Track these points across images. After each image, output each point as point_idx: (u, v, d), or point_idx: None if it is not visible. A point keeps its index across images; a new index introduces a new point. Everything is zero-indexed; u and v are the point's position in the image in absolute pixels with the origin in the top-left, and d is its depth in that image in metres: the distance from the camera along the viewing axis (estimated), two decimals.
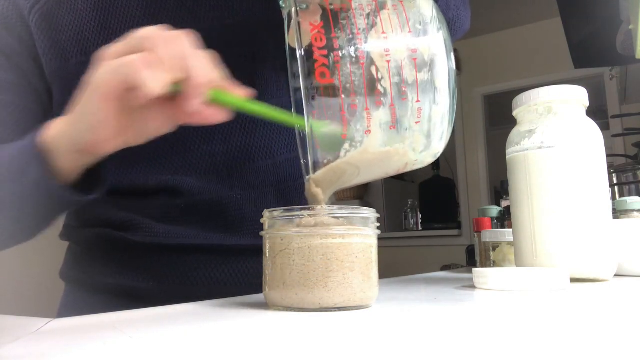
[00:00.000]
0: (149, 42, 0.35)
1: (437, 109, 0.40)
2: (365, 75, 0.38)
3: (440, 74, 0.40)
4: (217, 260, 0.61)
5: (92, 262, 0.63)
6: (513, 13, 3.21)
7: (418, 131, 0.40)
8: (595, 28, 1.22)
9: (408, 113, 0.39)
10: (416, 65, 0.39)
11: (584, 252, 0.55)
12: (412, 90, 0.39)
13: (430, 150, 0.43)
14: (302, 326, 0.32)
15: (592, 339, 0.27)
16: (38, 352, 0.26)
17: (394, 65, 0.39)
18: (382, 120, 0.39)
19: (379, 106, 0.39)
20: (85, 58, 0.58)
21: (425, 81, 0.40)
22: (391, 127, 0.39)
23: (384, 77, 0.38)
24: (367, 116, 0.39)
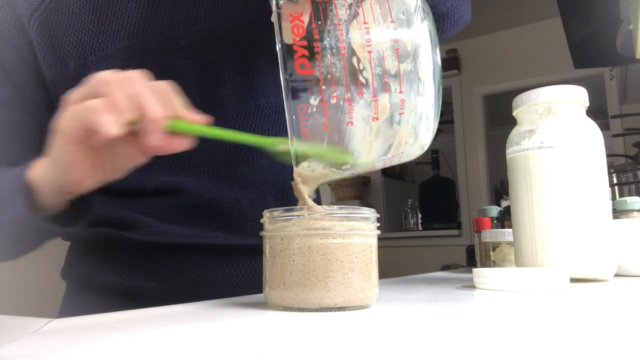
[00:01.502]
0: (104, 87, 0.37)
1: (421, 100, 0.40)
2: (346, 66, 0.38)
3: (424, 64, 0.40)
4: (219, 260, 0.62)
5: (93, 262, 0.63)
6: (513, 13, 3.21)
7: (403, 123, 0.40)
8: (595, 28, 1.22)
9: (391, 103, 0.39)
10: (398, 55, 0.39)
11: (584, 252, 0.55)
12: (394, 82, 0.39)
13: (418, 142, 0.42)
14: (302, 326, 0.32)
15: (592, 339, 0.27)
16: (38, 352, 0.26)
17: (376, 55, 0.38)
18: (364, 112, 0.39)
19: (360, 97, 0.38)
20: (84, 61, 0.58)
21: (408, 72, 0.39)
22: (373, 118, 0.39)
23: (365, 68, 0.38)
24: (349, 107, 0.38)
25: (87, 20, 0.59)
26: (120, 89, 0.37)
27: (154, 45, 0.59)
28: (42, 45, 0.59)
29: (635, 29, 0.81)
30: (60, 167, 0.41)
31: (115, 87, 0.37)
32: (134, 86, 0.37)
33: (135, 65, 0.57)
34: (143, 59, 0.59)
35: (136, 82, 0.38)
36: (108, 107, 0.36)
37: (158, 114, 0.37)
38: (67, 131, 0.38)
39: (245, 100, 0.63)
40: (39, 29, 0.59)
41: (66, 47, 0.59)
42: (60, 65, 0.59)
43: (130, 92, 0.37)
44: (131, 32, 0.59)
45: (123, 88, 0.37)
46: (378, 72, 0.38)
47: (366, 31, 0.39)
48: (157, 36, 0.59)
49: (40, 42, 0.59)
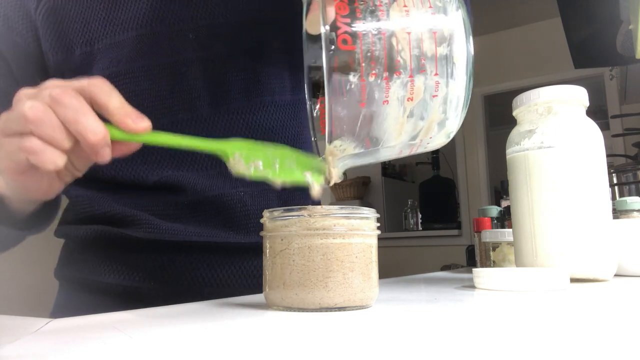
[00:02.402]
0: (34, 125, 0.35)
1: (454, 85, 0.40)
2: (386, 46, 0.38)
3: (459, 50, 0.41)
4: (221, 259, 0.61)
5: (89, 261, 0.62)
6: (513, 13, 3.21)
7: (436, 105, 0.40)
8: (595, 28, 1.22)
9: (426, 85, 0.39)
10: (436, 39, 0.40)
11: (584, 252, 0.55)
12: (431, 64, 0.39)
13: (445, 129, 0.43)
14: (302, 326, 0.32)
15: (592, 339, 0.27)
16: (38, 352, 0.26)
17: (415, 37, 0.39)
18: (399, 92, 0.39)
19: (397, 77, 0.39)
20: (90, 49, 0.59)
21: (444, 56, 0.40)
22: (408, 99, 0.39)
23: (404, 48, 0.39)
24: (386, 86, 0.39)
25: (96, 7, 0.59)
26: (50, 122, 0.35)
27: (163, 36, 0.60)
28: (49, 31, 0.59)
29: (635, 29, 0.81)
30: (15, 188, 0.42)
31: (46, 120, 0.35)
32: (65, 110, 0.35)
33: (142, 55, 0.59)
34: (150, 50, 0.59)
35: (67, 101, 0.36)
36: (43, 146, 0.35)
37: (96, 138, 0.35)
38: (8, 169, 0.38)
39: (250, 96, 0.63)
40: (46, 15, 0.59)
41: (73, 34, 0.59)
42: (66, 52, 0.59)
43: (63, 118, 0.35)
44: (140, 22, 0.59)
45: (51, 120, 0.35)
46: (416, 53, 0.39)
47: (406, 13, 0.39)
48: (166, 28, 0.60)
49: (46, 28, 0.59)
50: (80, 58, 0.58)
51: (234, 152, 0.42)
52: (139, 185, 0.61)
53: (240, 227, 0.62)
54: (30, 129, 0.35)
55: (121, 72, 0.58)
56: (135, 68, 0.59)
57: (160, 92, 0.59)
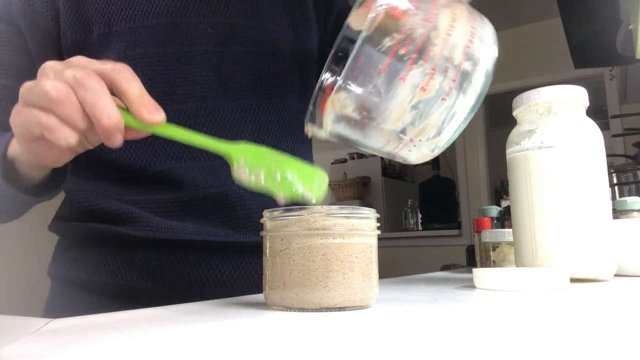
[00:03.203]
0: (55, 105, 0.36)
1: (462, 100, 0.42)
2: (425, 32, 0.40)
3: (479, 74, 0.43)
4: (219, 258, 0.61)
5: (85, 259, 0.61)
6: (513, 13, 3.21)
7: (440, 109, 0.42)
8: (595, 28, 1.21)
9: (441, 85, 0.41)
10: (466, 53, 0.42)
11: (584, 252, 0.55)
12: (453, 70, 0.41)
13: (435, 140, 0.44)
14: (302, 326, 0.32)
15: (592, 339, 0.27)
16: (38, 352, 0.26)
17: (451, 41, 0.41)
18: (418, 78, 0.40)
19: (423, 63, 0.40)
20: (108, 30, 0.60)
21: (466, 71, 0.42)
22: (422, 88, 0.41)
23: (438, 44, 0.40)
24: (410, 65, 0.40)
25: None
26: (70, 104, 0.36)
27: (181, 27, 0.61)
28: (69, 10, 0.60)
29: (635, 29, 0.81)
30: (27, 154, 0.43)
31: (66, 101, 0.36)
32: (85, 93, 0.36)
33: (158, 43, 0.60)
34: (167, 38, 0.61)
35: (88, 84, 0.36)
36: (59, 125, 0.36)
37: (110, 123, 0.36)
38: (23, 137, 0.39)
39: (260, 96, 0.65)
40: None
41: (92, 15, 0.60)
42: (85, 32, 0.60)
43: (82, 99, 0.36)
44: (160, 11, 0.61)
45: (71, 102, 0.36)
46: (446, 54, 0.41)
47: (452, 19, 0.42)
48: (185, 19, 0.61)
49: (67, 7, 0.60)
50: (98, 39, 0.60)
51: (239, 157, 0.42)
52: (139, 175, 0.60)
53: (240, 226, 0.62)
54: (50, 106, 0.36)
55: (136, 55, 0.59)
56: (151, 54, 0.60)
57: (173, 79, 0.60)
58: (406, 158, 0.46)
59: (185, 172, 0.60)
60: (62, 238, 0.66)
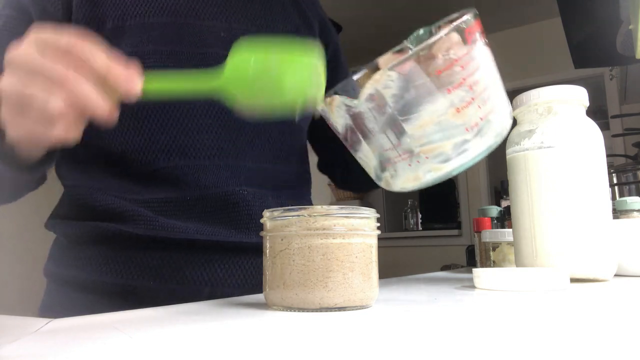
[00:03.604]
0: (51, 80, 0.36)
1: (479, 140, 0.44)
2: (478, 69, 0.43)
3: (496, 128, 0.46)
4: (220, 258, 0.61)
5: (83, 258, 0.60)
6: (513, 13, 3.21)
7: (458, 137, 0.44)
8: (595, 28, 1.21)
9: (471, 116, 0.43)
10: (495, 106, 0.45)
11: (584, 252, 0.55)
12: (485, 109, 0.44)
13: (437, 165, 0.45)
14: (302, 326, 0.32)
15: (592, 339, 0.27)
16: (38, 352, 0.26)
17: (491, 91, 0.45)
18: (459, 96, 0.43)
19: (468, 89, 0.43)
20: (122, 24, 0.60)
21: (489, 120, 0.45)
22: (457, 109, 0.43)
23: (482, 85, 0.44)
24: (459, 83, 0.43)
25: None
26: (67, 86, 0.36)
27: (195, 28, 0.62)
28: (84, 1, 0.60)
29: (635, 29, 0.81)
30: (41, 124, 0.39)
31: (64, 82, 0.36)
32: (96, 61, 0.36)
33: (171, 41, 0.61)
34: (180, 37, 0.61)
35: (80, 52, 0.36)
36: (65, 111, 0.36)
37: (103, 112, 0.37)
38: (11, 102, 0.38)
39: None
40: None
41: (107, 8, 0.60)
42: (98, 24, 0.60)
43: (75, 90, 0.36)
44: (174, 10, 0.62)
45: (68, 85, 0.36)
46: (484, 97, 0.44)
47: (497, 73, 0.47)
48: (199, 21, 0.62)
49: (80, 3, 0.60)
50: (111, 32, 0.60)
51: (230, 91, 0.41)
52: (142, 171, 0.60)
53: (242, 226, 0.62)
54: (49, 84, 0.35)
55: (149, 51, 0.60)
56: (163, 51, 0.60)
57: None
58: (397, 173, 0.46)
59: (189, 171, 0.60)
60: (59, 236, 0.65)
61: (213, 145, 0.62)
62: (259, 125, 0.65)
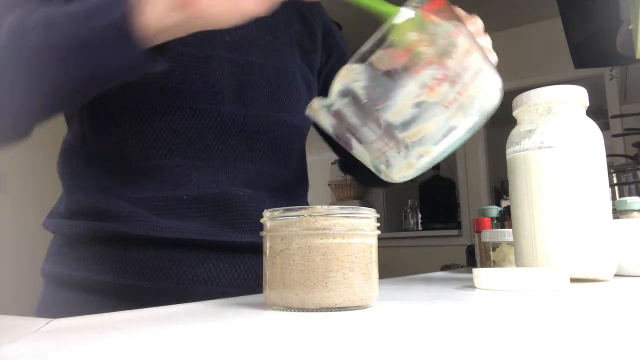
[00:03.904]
0: None
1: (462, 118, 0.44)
2: (448, 43, 0.43)
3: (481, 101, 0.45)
4: (217, 257, 0.61)
5: (81, 258, 0.60)
6: (513, 13, 3.21)
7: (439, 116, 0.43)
8: (595, 28, 1.21)
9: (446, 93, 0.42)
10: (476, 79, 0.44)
11: (584, 252, 0.55)
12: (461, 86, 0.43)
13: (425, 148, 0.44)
14: (302, 326, 0.32)
15: (592, 339, 0.27)
16: (38, 352, 0.26)
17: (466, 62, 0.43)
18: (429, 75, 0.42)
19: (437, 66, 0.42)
20: None
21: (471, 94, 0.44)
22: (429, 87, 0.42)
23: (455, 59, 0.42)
24: (426, 63, 0.42)
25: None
26: None
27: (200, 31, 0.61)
28: None
29: (635, 29, 0.82)
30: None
31: None
32: None
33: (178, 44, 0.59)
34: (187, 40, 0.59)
35: None
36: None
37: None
38: None
39: (270, 109, 0.67)
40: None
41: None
42: None
43: None
44: None
45: None
46: (458, 70, 0.42)
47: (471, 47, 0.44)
48: None
49: None
50: None
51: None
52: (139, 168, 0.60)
53: (237, 226, 0.62)
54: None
55: None
56: None
57: (187, 78, 0.62)
58: (390, 163, 0.46)
59: (187, 171, 0.61)
60: (57, 236, 0.65)
61: (212, 147, 0.62)
62: (258, 128, 0.65)
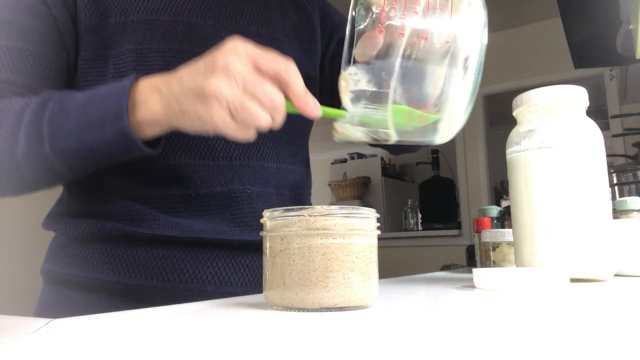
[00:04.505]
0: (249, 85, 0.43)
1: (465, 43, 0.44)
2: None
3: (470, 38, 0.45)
4: (224, 255, 0.61)
5: (85, 257, 0.60)
6: (513, 13, 3.21)
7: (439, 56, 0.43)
8: (595, 28, 1.21)
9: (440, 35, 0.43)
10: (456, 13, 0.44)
11: (584, 252, 0.55)
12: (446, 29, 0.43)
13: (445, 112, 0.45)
14: (302, 326, 0.32)
15: (592, 339, 0.27)
16: (38, 352, 0.26)
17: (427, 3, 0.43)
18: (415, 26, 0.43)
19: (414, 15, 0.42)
20: (124, 19, 0.60)
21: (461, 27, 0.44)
22: (422, 37, 0.43)
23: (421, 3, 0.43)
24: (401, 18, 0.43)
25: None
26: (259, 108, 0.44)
27: (197, 27, 0.63)
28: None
29: (635, 29, 0.82)
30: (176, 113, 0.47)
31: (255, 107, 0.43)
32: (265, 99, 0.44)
33: (175, 39, 0.61)
34: (183, 36, 0.62)
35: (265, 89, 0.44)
36: (261, 115, 0.44)
37: (277, 126, 0.45)
38: (203, 97, 0.45)
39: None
40: None
41: (109, 1, 0.60)
42: (100, 17, 0.60)
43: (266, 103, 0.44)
44: (177, 9, 0.62)
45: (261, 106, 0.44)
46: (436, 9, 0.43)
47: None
48: (202, 20, 0.63)
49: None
50: (113, 27, 0.60)
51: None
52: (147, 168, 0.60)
53: (245, 225, 0.62)
54: (243, 101, 0.43)
55: (153, 49, 0.60)
56: (167, 49, 0.61)
57: None
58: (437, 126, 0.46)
59: (194, 169, 0.61)
60: (58, 235, 0.64)
61: (219, 146, 0.62)
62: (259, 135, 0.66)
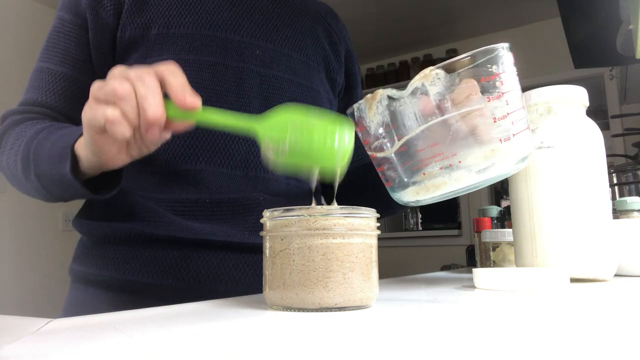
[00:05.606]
0: (118, 99, 0.43)
1: (503, 160, 0.47)
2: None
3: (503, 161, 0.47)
4: (235, 257, 0.63)
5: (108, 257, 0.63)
6: (513, 13, 3.21)
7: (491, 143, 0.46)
8: (595, 28, 1.21)
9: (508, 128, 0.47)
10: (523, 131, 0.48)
11: (584, 252, 0.55)
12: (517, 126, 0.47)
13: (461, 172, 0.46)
14: (302, 326, 0.32)
15: (592, 339, 0.27)
16: (38, 352, 0.26)
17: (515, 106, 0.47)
18: (499, 107, 0.46)
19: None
20: (166, 31, 0.65)
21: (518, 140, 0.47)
22: (498, 119, 0.46)
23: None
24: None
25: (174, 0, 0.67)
26: (130, 101, 0.42)
27: (234, 43, 0.67)
28: (133, 7, 0.65)
29: (635, 29, 0.82)
30: (91, 149, 0.48)
31: (128, 98, 0.42)
32: (142, 88, 0.42)
33: (211, 53, 0.66)
34: (219, 50, 0.66)
35: (147, 81, 0.43)
36: (120, 119, 0.42)
37: (153, 115, 0.42)
38: (90, 124, 0.45)
39: None
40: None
41: (153, 14, 0.65)
42: (143, 29, 0.64)
43: (138, 93, 0.42)
44: (217, 24, 0.67)
45: (132, 99, 0.42)
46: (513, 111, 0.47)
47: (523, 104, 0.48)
48: (239, 37, 0.68)
49: (131, 4, 0.65)
50: (155, 37, 0.64)
51: (265, 135, 0.45)
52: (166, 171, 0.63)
53: (255, 229, 0.65)
54: (116, 102, 0.42)
55: (189, 60, 0.64)
56: (202, 61, 0.65)
57: (218, 88, 0.66)
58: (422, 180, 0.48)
59: (212, 176, 0.64)
60: (83, 236, 0.68)
61: (238, 157, 0.65)
62: None
